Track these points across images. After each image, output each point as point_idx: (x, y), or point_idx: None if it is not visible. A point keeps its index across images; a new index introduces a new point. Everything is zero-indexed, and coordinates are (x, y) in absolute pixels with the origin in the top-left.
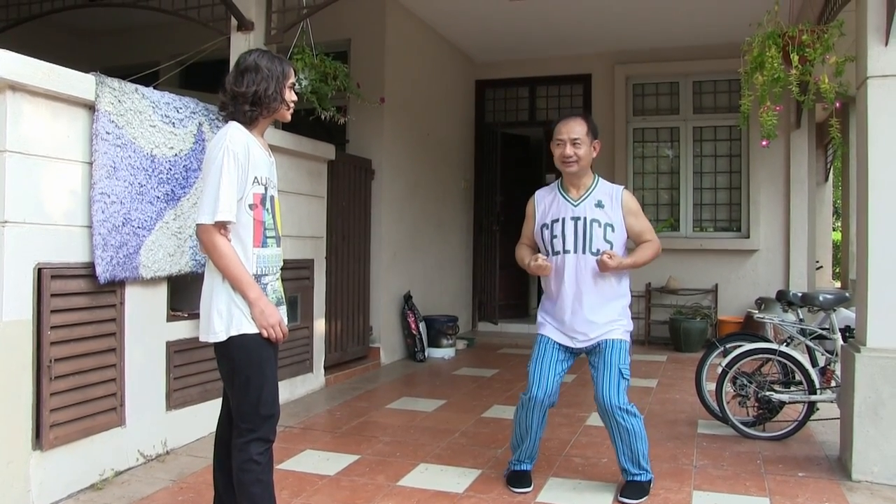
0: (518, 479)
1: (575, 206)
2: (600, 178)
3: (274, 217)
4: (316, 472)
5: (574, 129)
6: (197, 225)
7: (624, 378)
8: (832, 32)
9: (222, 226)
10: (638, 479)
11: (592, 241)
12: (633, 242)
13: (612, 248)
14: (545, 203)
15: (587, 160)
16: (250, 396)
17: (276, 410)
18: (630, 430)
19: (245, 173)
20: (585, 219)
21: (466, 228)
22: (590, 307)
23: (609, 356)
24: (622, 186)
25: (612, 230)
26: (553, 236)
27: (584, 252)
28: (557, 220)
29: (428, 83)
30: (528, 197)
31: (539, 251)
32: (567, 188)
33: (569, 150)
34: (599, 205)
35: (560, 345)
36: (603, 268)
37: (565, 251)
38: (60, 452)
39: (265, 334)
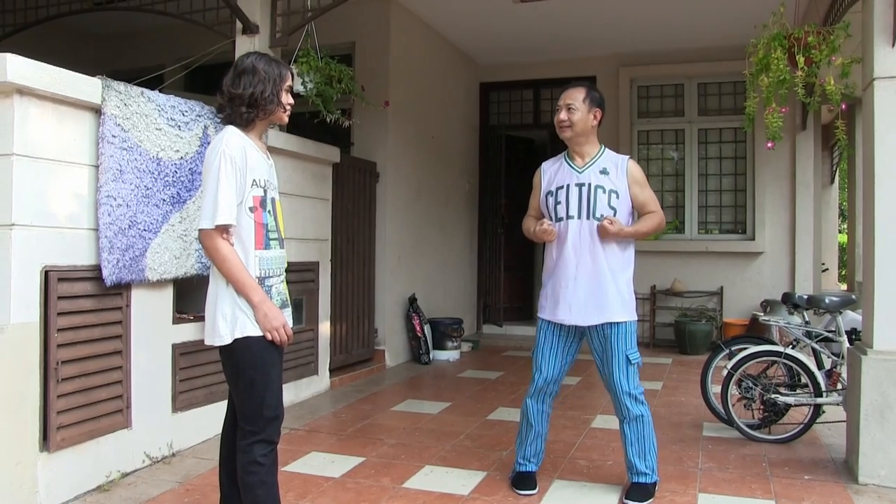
0: (523, 480)
1: (580, 172)
2: (606, 148)
3: (276, 219)
4: (321, 474)
5: (571, 94)
6: (199, 231)
7: (631, 363)
8: (838, 34)
9: (224, 230)
10: (644, 480)
11: (597, 206)
12: (637, 213)
13: (615, 214)
14: (551, 172)
15: (582, 126)
16: (254, 398)
17: (279, 412)
18: (640, 417)
19: (243, 177)
20: (590, 185)
21: (471, 231)
22: (592, 274)
23: (615, 342)
24: (628, 156)
25: (617, 197)
26: (557, 202)
27: (588, 218)
28: (562, 187)
29: (432, 86)
30: None
31: None
32: (572, 157)
33: (563, 114)
34: (604, 172)
35: (561, 328)
36: (603, 233)
37: (569, 217)
38: (67, 454)
39: (269, 337)
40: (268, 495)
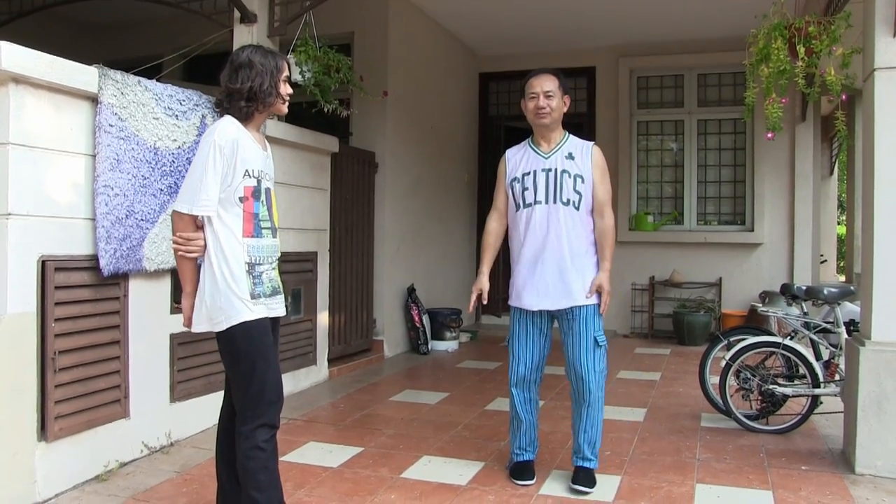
0: (520, 471)
1: (546, 158)
2: (570, 135)
3: (270, 209)
4: (319, 464)
5: (546, 82)
6: (173, 211)
7: (598, 345)
8: (839, 24)
9: (197, 217)
10: (591, 465)
11: (563, 191)
12: (592, 209)
13: (581, 199)
14: (515, 159)
15: (559, 113)
16: (255, 383)
17: (280, 396)
18: (598, 402)
19: (232, 168)
20: (556, 170)
21: (469, 221)
22: (559, 258)
23: (582, 324)
24: (593, 143)
25: (582, 181)
26: (524, 188)
27: (555, 202)
28: (528, 173)
29: (431, 76)
30: None
31: (509, 213)
32: (538, 142)
33: (542, 101)
34: (570, 157)
35: (533, 313)
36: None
37: (536, 202)
38: (65, 444)
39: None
40: (270, 480)
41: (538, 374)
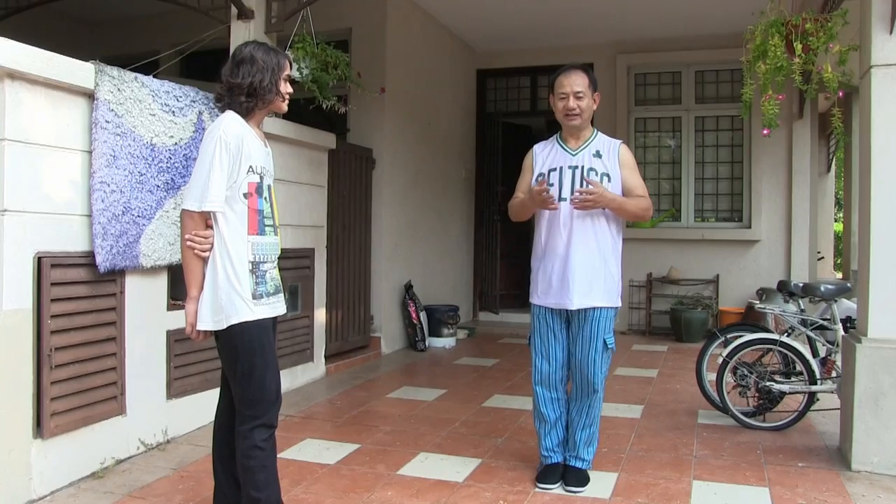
0: (545, 474)
1: (573, 155)
2: (599, 132)
3: (272, 206)
4: (316, 461)
5: (576, 82)
6: (182, 210)
7: (608, 348)
8: (836, 21)
9: (207, 214)
10: (585, 467)
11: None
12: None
13: None
14: (543, 154)
15: (589, 112)
16: (254, 383)
17: (278, 396)
18: (599, 403)
19: (237, 163)
20: (583, 167)
21: (467, 218)
22: (584, 257)
23: (596, 326)
24: (621, 140)
25: (609, 180)
26: (550, 184)
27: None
28: (555, 169)
29: (429, 73)
30: None
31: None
32: (566, 139)
33: (572, 102)
34: (597, 155)
35: (553, 311)
36: (585, 203)
37: (561, 199)
38: (61, 441)
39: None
40: (269, 479)
41: (563, 371)
